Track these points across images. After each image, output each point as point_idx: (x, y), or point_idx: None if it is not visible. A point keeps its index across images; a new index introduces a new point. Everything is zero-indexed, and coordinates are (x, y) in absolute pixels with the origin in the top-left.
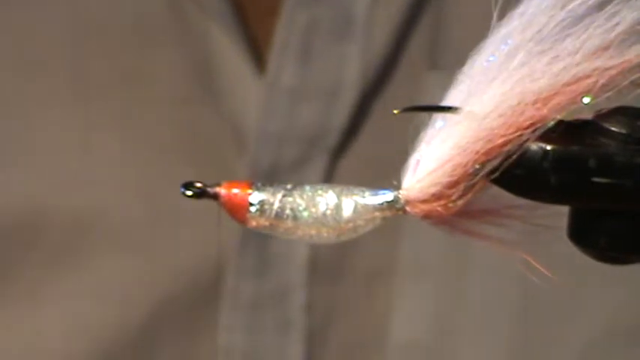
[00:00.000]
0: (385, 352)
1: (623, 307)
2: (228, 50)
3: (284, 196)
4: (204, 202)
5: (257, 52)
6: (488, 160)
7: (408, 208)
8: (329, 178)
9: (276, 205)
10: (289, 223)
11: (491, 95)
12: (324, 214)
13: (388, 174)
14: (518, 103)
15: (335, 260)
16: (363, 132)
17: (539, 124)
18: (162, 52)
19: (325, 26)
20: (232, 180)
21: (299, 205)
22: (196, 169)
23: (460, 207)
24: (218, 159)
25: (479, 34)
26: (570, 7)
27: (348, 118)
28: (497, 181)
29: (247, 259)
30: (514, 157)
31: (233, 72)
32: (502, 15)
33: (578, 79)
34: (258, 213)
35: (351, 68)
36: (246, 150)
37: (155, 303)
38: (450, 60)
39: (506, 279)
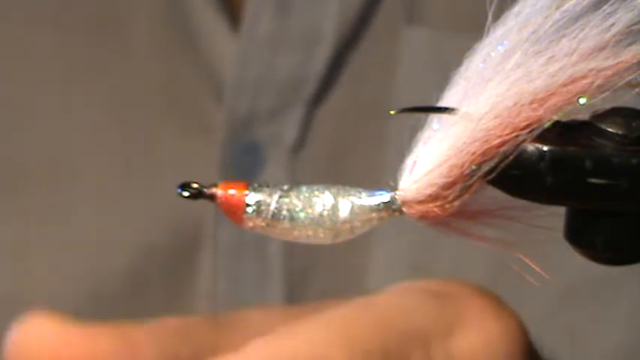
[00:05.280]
0: None
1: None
2: (203, 5)
3: (280, 196)
4: (183, 151)
5: (232, 9)
6: (485, 161)
7: (404, 209)
8: (306, 126)
9: (273, 206)
10: (286, 224)
11: (487, 96)
12: (320, 214)
13: (363, 125)
14: (515, 104)
15: None
16: (340, 82)
17: (535, 125)
18: (139, 3)
19: None
20: (229, 180)
21: (295, 205)
22: (174, 118)
23: (456, 208)
24: (196, 108)
25: None
26: (566, 7)
27: (325, 68)
28: (494, 182)
29: None
30: (510, 157)
31: (209, 26)
32: (497, 15)
33: (574, 80)
34: (254, 214)
35: (329, 18)
36: (223, 100)
37: (138, 250)
38: (428, 15)
39: None
